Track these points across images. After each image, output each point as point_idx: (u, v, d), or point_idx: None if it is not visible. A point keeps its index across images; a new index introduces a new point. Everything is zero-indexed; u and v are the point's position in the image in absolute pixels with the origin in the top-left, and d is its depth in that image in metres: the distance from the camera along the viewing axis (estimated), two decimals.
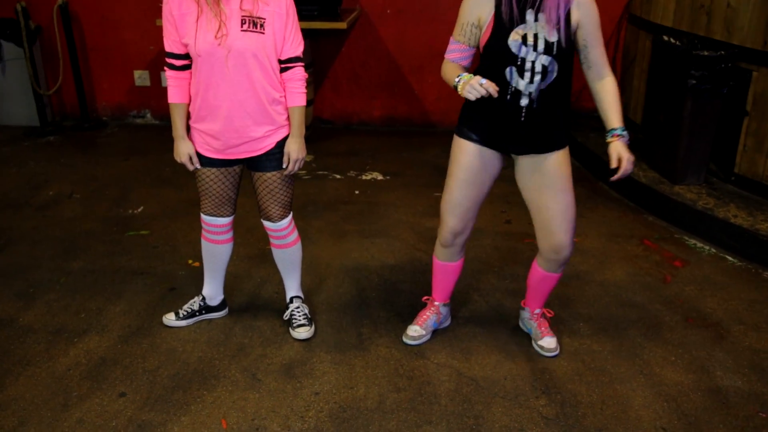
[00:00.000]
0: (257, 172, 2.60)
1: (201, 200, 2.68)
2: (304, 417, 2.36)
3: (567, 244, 2.46)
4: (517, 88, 2.28)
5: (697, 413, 2.40)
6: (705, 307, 3.09)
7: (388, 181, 4.69)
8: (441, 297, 2.83)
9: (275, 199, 2.62)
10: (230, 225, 2.75)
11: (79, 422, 2.32)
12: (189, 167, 2.58)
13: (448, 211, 2.55)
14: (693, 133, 3.97)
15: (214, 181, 2.62)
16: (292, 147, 2.55)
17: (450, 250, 2.66)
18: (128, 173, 4.76)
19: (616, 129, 2.32)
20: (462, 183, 2.47)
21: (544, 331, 2.74)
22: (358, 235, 3.81)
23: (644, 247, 3.69)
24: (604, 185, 4.59)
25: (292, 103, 2.53)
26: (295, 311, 2.85)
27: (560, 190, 2.41)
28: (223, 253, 2.82)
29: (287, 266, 2.84)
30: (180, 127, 2.53)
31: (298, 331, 2.79)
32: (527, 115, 2.32)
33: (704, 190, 4.04)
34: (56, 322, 2.93)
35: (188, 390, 2.50)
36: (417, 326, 2.80)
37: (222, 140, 2.51)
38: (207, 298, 2.92)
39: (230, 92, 2.42)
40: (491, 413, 2.39)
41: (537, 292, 2.72)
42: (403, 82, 5.81)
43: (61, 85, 5.76)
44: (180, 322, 2.87)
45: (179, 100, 2.50)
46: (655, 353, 2.74)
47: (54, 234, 3.79)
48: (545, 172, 2.40)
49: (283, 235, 2.72)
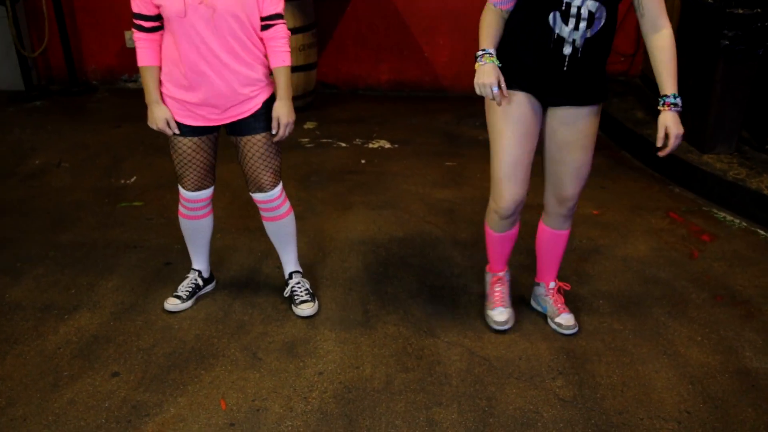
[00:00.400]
0: (244, 137, 2.57)
1: (182, 177, 2.66)
2: (307, 398, 2.37)
3: (573, 197, 2.50)
4: (560, 35, 2.22)
5: (724, 396, 2.39)
6: (734, 284, 3.07)
7: (397, 149, 4.66)
8: (502, 265, 2.76)
9: (266, 164, 2.61)
10: (212, 196, 2.76)
11: (71, 403, 2.34)
12: (167, 133, 2.55)
13: (505, 177, 2.41)
14: (724, 98, 3.91)
15: (197, 151, 2.60)
16: (281, 111, 2.52)
17: (510, 219, 2.55)
18: (120, 141, 4.74)
19: (669, 96, 2.21)
20: (518, 138, 2.35)
21: (561, 308, 2.73)
22: (365, 207, 3.79)
23: (670, 220, 3.66)
24: (627, 154, 4.55)
25: (277, 63, 2.50)
26: (296, 287, 2.85)
27: (582, 147, 2.41)
28: (207, 227, 2.83)
29: (283, 239, 2.83)
30: (153, 91, 2.49)
31: (302, 308, 2.80)
32: (570, 65, 2.26)
33: (735, 160, 3.99)
34: (45, 298, 2.94)
35: (185, 370, 2.51)
36: (500, 308, 2.72)
37: (207, 106, 2.49)
38: (203, 272, 2.93)
39: (212, 54, 2.40)
40: (505, 395, 2.39)
41: (548, 259, 2.72)
42: (412, 43, 5.74)
43: (47, 47, 5.72)
44: (186, 304, 2.85)
45: (151, 62, 2.47)
46: (680, 333, 2.73)
47: (42, 205, 3.79)
48: (575, 127, 2.38)
49: (276, 205, 2.71)
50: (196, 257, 2.91)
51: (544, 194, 2.58)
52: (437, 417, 2.28)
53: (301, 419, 2.27)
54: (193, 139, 2.57)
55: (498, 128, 2.40)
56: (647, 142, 4.36)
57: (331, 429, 2.23)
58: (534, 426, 2.25)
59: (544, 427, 2.24)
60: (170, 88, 2.50)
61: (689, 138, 4.22)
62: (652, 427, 2.24)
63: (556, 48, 2.25)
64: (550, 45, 2.25)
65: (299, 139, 4.81)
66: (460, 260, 3.26)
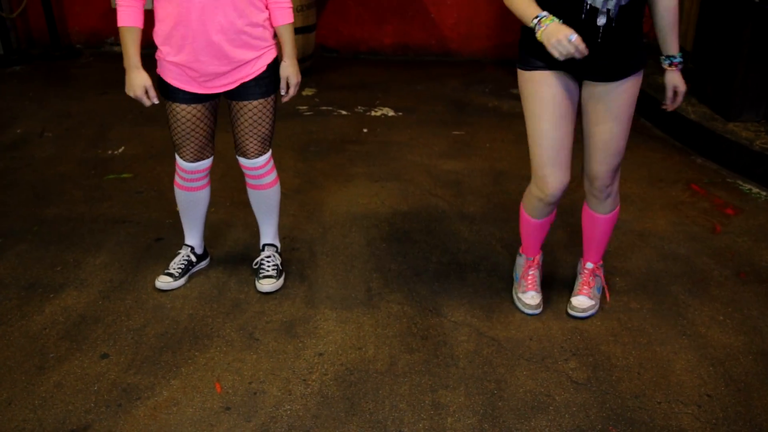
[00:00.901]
0: (240, 102, 2.58)
1: (180, 147, 2.66)
2: (307, 380, 2.39)
3: (600, 175, 2.47)
4: (593, 6, 2.18)
5: (747, 379, 2.40)
6: (759, 260, 3.07)
7: (401, 117, 4.64)
8: (537, 249, 2.77)
9: (256, 131, 2.62)
10: (210, 167, 2.77)
11: (57, 386, 2.36)
12: (145, 102, 2.52)
13: (549, 163, 2.41)
14: (753, 61, 3.88)
15: (199, 119, 2.59)
16: (290, 70, 2.57)
17: (552, 205, 2.55)
18: (106, 109, 4.73)
19: (675, 56, 2.37)
20: (556, 121, 2.36)
21: (583, 290, 2.72)
22: (367, 179, 3.79)
23: (691, 192, 3.65)
24: (647, 122, 4.53)
25: (281, 21, 2.53)
26: (265, 260, 2.87)
27: (615, 117, 2.38)
28: (204, 199, 2.84)
29: (263, 210, 2.86)
30: (133, 55, 2.47)
31: (262, 283, 2.82)
32: (605, 36, 2.23)
33: (763, 128, 3.97)
34: (29, 276, 2.95)
35: (178, 351, 2.52)
36: (533, 292, 2.74)
37: (208, 71, 2.47)
38: (196, 248, 2.94)
39: (213, 15, 2.38)
40: (515, 377, 2.40)
41: (587, 239, 2.73)
42: (417, 4, 5.69)
43: (26, 7, 5.68)
44: (178, 282, 2.86)
45: (133, 23, 2.44)
46: (701, 312, 2.74)
47: (24, 178, 3.79)
48: (611, 100, 2.36)
49: (260, 174, 2.72)
50: (189, 232, 2.92)
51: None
52: (443, 400, 2.30)
53: (301, 402, 2.29)
54: (196, 107, 2.57)
55: (533, 112, 2.39)
56: None
57: (331, 413, 2.25)
58: (545, 410, 2.26)
59: (556, 411, 2.25)
60: (168, 50, 2.47)
61: (713, 104, 4.19)
62: (671, 410, 2.26)
63: (589, 19, 2.20)
64: (583, 16, 2.20)
65: (297, 106, 4.80)
66: (468, 235, 3.26)
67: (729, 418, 2.22)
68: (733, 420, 2.21)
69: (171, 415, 2.23)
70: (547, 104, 2.35)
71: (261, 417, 2.22)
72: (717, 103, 4.16)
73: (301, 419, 2.21)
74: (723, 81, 4.07)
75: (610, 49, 2.26)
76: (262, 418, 2.22)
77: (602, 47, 2.25)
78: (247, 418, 2.21)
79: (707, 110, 4.22)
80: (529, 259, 2.78)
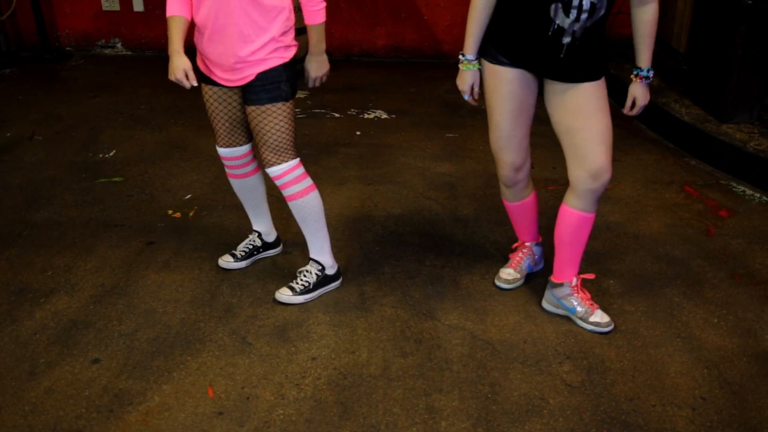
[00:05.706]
0: (249, 106, 2.61)
1: (215, 131, 2.76)
2: (300, 385, 2.39)
3: (606, 168, 2.48)
4: (560, 26, 2.31)
5: (741, 381, 2.41)
6: (753, 262, 3.09)
7: (394, 120, 4.65)
8: (529, 236, 2.91)
9: (264, 139, 2.61)
10: (251, 153, 2.83)
11: (48, 392, 2.35)
12: (185, 84, 2.52)
13: (501, 147, 2.63)
14: (746, 62, 3.90)
15: (224, 100, 2.67)
16: (309, 65, 2.74)
17: (516, 188, 2.73)
18: (97, 112, 4.72)
19: (643, 70, 2.47)
20: (509, 114, 2.55)
21: (591, 304, 2.67)
22: (360, 182, 3.79)
23: (685, 194, 3.67)
24: (640, 124, 4.54)
25: (310, 21, 2.66)
26: (300, 274, 2.84)
27: (597, 110, 2.44)
28: (256, 186, 2.90)
29: (301, 222, 2.78)
30: (175, 41, 2.52)
31: (281, 291, 2.80)
32: (568, 53, 2.37)
33: (757, 130, 3.99)
34: (19, 280, 2.94)
35: (170, 356, 2.52)
36: (510, 269, 2.89)
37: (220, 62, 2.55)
38: (263, 234, 3.01)
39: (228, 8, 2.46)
40: (509, 380, 2.41)
41: (572, 250, 2.64)
42: (411, 5, 5.70)
43: (15, 9, 5.67)
44: (239, 263, 2.96)
45: (176, 12, 2.52)
46: (696, 314, 2.75)
47: (13, 181, 3.78)
48: (580, 93, 2.43)
49: (280, 185, 2.69)
50: (252, 218, 3.02)
51: (570, 173, 2.52)
52: (437, 404, 2.30)
53: (294, 407, 2.29)
54: (222, 89, 2.65)
55: (491, 104, 2.59)
56: (662, 111, 4.36)
57: (325, 417, 2.25)
58: (540, 413, 2.27)
59: (550, 415, 2.26)
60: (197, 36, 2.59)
61: (707, 106, 4.21)
62: (665, 413, 2.27)
63: (555, 37, 2.34)
64: (549, 33, 2.34)
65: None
66: (462, 238, 3.27)
67: (723, 421, 2.23)
68: (727, 423, 2.22)
69: (163, 420, 2.23)
70: (503, 99, 2.53)
71: (254, 422, 2.22)
72: (710, 105, 4.17)
73: (294, 424, 2.21)
74: (716, 83, 4.08)
75: (570, 62, 2.40)
76: (255, 422, 2.22)
77: (563, 61, 2.39)
78: (240, 423, 2.21)
79: (701, 112, 4.24)
80: (519, 242, 2.94)
